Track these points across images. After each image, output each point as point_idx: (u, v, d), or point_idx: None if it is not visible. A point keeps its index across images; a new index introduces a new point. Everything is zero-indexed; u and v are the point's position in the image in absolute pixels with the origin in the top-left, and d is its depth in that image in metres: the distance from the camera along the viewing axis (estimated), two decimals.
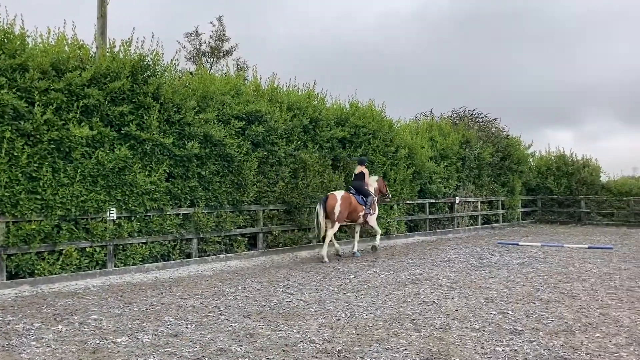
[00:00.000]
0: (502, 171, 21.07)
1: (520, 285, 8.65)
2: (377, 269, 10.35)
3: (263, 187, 12.42)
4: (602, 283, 8.78)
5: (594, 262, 11.18)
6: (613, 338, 5.64)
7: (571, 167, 23.32)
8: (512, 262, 11.23)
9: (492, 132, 21.65)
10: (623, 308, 7.02)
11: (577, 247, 13.70)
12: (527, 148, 22.93)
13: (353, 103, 15.54)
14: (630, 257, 11.96)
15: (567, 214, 23.00)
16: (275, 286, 8.71)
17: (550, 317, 6.53)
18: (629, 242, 15.14)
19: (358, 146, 14.64)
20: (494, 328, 6.06)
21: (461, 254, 12.51)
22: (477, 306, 7.15)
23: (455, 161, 18.77)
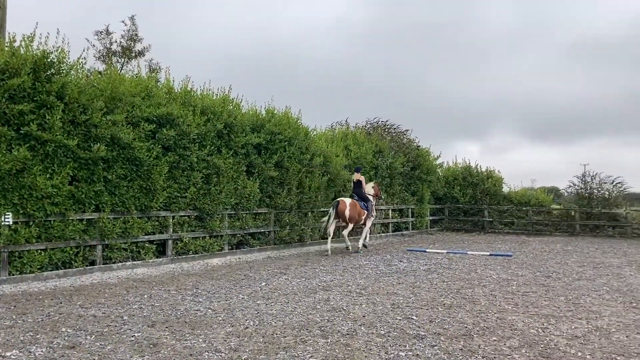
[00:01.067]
0: (413, 180, 21.80)
1: (425, 291, 8.95)
2: (289, 276, 10.35)
3: (173, 193, 12.09)
4: (500, 289, 9.26)
5: (494, 268, 11.78)
6: (508, 341, 5.95)
7: (476, 177, 24.56)
8: (419, 268, 11.60)
9: (403, 143, 22.38)
10: (518, 312, 7.43)
11: (479, 254, 14.39)
12: (436, 159, 23.90)
13: (269, 109, 15.51)
14: (527, 264, 12.70)
15: (471, 223, 24.16)
16: (183, 294, 8.47)
17: (451, 322, 6.79)
18: (527, 249, 16.10)
19: (273, 153, 14.61)
20: (399, 333, 6.21)
21: (372, 261, 12.77)
22: (383, 312, 7.31)
23: (368, 170, 19.19)
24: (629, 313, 7.46)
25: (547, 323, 6.79)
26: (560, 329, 6.51)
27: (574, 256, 14.42)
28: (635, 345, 5.83)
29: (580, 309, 7.66)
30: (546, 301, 8.20)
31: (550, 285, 9.63)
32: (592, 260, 13.48)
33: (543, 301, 8.20)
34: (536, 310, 7.52)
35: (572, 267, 12.11)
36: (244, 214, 13.89)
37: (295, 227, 15.45)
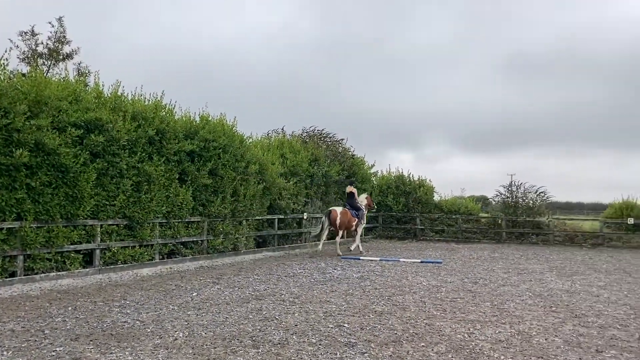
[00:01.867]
0: None
1: (357, 298, 9.05)
2: (222, 286, 10.20)
3: (102, 201, 11.67)
4: (430, 295, 9.49)
5: (424, 275, 12.08)
6: (435, 347, 6.11)
7: (409, 186, 25.15)
8: (352, 276, 11.73)
9: (339, 152, 22.63)
10: (446, 318, 7.64)
11: (411, 262, 14.72)
12: (371, 168, 24.30)
13: (203, 116, 15.29)
14: (456, 270, 13.10)
15: (404, 230, 24.68)
16: (110, 306, 8.18)
17: (382, 329, 6.90)
18: (456, 256, 16.61)
19: (207, 160, 14.39)
20: (330, 341, 6.25)
21: (306, 269, 12.80)
22: (316, 320, 7.33)
23: (304, 178, 19.26)
24: (548, 317, 7.83)
25: (473, 328, 7.02)
26: (485, 333, 6.75)
27: (500, 263, 15.01)
28: (554, 348, 6.12)
29: (505, 314, 7.97)
30: (473, 307, 8.48)
31: (477, 292, 9.97)
32: (517, 267, 14.07)
33: (470, 307, 8.48)
34: (463, 316, 7.77)
35: (498, 274, 12.60)
36: (176, 223, 13.59)
37: (229, 236, 15.26)
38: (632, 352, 5.98)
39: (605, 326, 7.27)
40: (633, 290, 10.41)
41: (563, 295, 9.69)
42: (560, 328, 7.12)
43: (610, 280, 11.77)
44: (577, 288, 10.61)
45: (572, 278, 12.04)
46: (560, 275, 12.57)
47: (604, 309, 8.51)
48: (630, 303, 9.05)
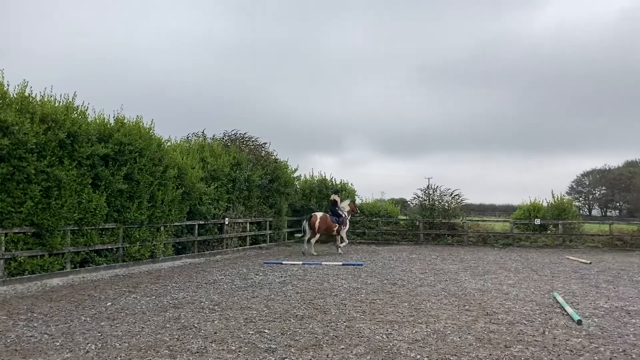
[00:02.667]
0: (271, 193, 21.97)
1: (279, 303, 9.01)
2: (138, 295, 9.84)
3: (7, 207, 10.95)
4: (350, 297, 9.62)
5: (345, 278, 12.24)
6: (355, 349, 6.18)
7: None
8: (274, 280, 11.68)
9: (262, 156, 22.49)
10: (366, 320, 7.76)
11: (333, 265, 14.86)
12: (294, 172, 24.31)
13: (119, 118, 14.71)
14: (376, 272, 13.36)
15: (326, 234, 24.86)
16: (15, 320, 7.68)
17: (303, 333, 6.90)
18: (376, 258, 16.96)
19: (123, 164, 13.85)
20: (250, 348, 6.18)
21: (227, 275, 12.61)
22: (236, 327, 7.23)
23: (226, 182, 18.98)
24: (462, 315, 8.14)
25: (392, 329, 7.18)
26: (403, 333, 6.92)
27: (417, 264, 15.47)
28: (466, 345, 6.36)
29: (421, 314, 8.21)
30: (391, 308, 8.68)
31: (396, 292, 10.22)
32: (433, 267, 14.56)
33: (388, 308, 8.67)
34: (382, 317, 7.92)
35: (415, 274, 12.97)
36: (88, 230, 12.97)
37: (146, 243, 14.76)
38: (536, 346, 6.33)
39: (514, 322, 7.65)
40: (539, 288, 11.03)
41: (476, 294, 10.11)
42: (473, 326, 7.42)
43: (519, 279, 12.42)
44: (489, 287, 11.11)
45: (485, 277, 12.61)
46: (473, 274, 13.12)
47: (513, 306, 8.96)
48: (537, 300, 9.59)
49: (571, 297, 9.81)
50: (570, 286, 11.29)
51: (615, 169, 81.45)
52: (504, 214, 52.14)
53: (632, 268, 14.99)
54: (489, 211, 75.61)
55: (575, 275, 13.24)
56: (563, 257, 18.00)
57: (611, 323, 7.67)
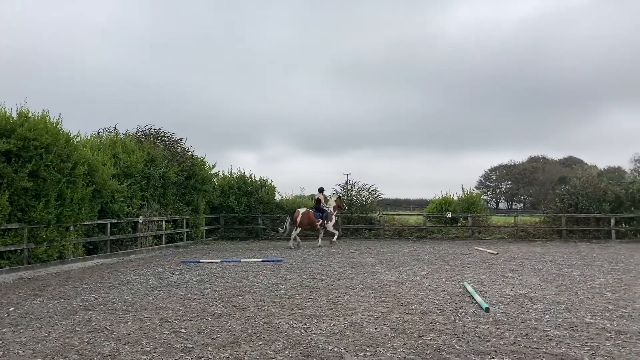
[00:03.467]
0: (187, 190, 21.49)
1: (196, 302, 8.84)
2: (45, 298, 9.32)
3: None
4: (269, 293, 9.60)
5: (265, 274, 12.20)
6: (273, 344, 6.18)
7: (250, 186, 25.24)
8: (191, 279, 11.44)
9: (177, 152, 21.94)
10: (284, 315, 7.78)
11: (252, 261, 14.77)
12: (212, 168, 23.89)
13: (22, 112, 13.84)
14: (295, 267, 13.43)
15: (246, 230, 24.73)
16: None
17: (220, 331, 6.81)
18: (296, 254, 17.04)
19: (27, 161, 13.04)
20: (165, 348, 6.02)
21: (142, 275, 12.21)
22: (151, 328, 7.02)
23: (139, 180, 18.36)
24: (378, 307, 8.35)
25: (310, 323, 7.24)
26: (321, 327, 7.00)
27: (336, 258, 15.70)
28: (382, 336, 6.53)
29: (339, 307, 8.34)
30: (310, 302, 8.75)
31: (315, 287, 10.31)
32: (351, 261, 14.83)
33: (307, 302, 8.73)
34: (300, 312, 7.97)
35: (334, 268, 13.16)
36: None
37: (54, 243, 14.00)
38: (448, 334, 6.61)
39: (427, 312, 7.95)
40: (450, 278, 11.52)
41: (391, 286, 10.41)
42: (388, 316, 7.63)
43: (431, 270, 12.91)
44: (404, 278, 11.47)
45: (400, 269, 13.00)
46: (389, 267, 13.49)
47: (426, 296, 9.30)
48: (448, 289, 10.00)
49: (480, 286, 10.31)
50: (479, 276, 11.87)
51: (520, 164, 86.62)
52: (419, 208, 54.01)
53: (535, 257, 15.99)
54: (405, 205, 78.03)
55: (484, 265, 13.94)
56: (472, 248, 18.90)
57: (515, 309, 8.14)
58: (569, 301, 8.77)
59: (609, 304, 8.56)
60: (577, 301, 8.78)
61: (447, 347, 6.03)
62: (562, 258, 15.65)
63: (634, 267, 13.46)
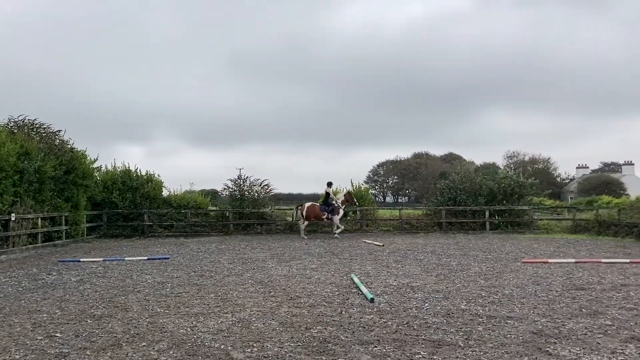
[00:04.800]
0: (66, 185, 20.15)
1: (74, 304, 8.34)
2: None
3: None
4: (154, 292, 9.28)
5: (150, 272, 11.77)
6: (157, 345, 5.98)
7: (136, 182, 24.21)
8: (70, 280, 10.77)
9: (55, 145, 20.52)
10: (170, 314, 7.55)
11: (137, 260, 14.19)
12: (93, 162, 22.57)
13: None
14: (183, 265, 13.09)
15: (131, 228, 23.68)
16: None
17: (100, 333, 6.47)
18: (184, 251, 16.62)
19: None
20: (38, 355, 5.61)
21: (13, 277, 11.29)
22: (22, 333, 6.51)
23: (12, 174, 16.95)
24: (267, 302, 8.36)
25: (196, 321, 7.09)
26: (208, 325, 6.88)
27: (226, 254, 15.51)
28: (270, 331, 6.55)
29: (227, 304, 8.24)
30: (197, 300, 8.57)
31: (203, 284, 10.12)
32: (242, 257, 14.73)
33: (194, 300, 8.55)
34: (187, 310, 7.78)
35: (223, 265, 12.99)
36: None
37: None
38: (334, 326, 6.76)
39: (315, 305, 8.08)
40: (339, 270, 11.81)
41: (281, 280, 10.47)
42: (277, 311, 7.66)
43: (321, 263, 13.15)
44: (294, 272, 11.58)
45: (290, 263, 13.11)
46: (280, 261, 13.56)
47: (315, 289, 9.45)
48: (336, 282, 10.25)
49: (366, 278, 10.66)
50: (365, 267, 12.27)
51: (405, 160, 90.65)
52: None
53: (417, 248, 16.82)
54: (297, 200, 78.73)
55: (370, 257, 14.44)
56: (360, 241, 19.50)
57: (398, 299, 8.51)
58: (447, 289, 9.32)
59: (482, 290, 9.20)
60: (454, 289, 9.35)
61: (333, 338, 6.17)
62: (442, 249, 16.61)
63: (504, 255, 14.58)
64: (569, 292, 9.00)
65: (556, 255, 14.74)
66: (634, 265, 12.29)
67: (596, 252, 15.34)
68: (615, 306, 7.84)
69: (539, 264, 12.65)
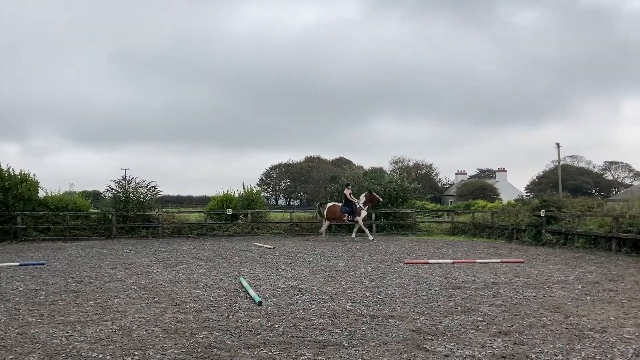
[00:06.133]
0: None
1: None
2: None
3: None
4: (26, 301, 8.61)
5: (22, 279, 10.93)
6: (26, 357, 5.55)
7: (8, 182, 22.34)
8: None
9: None
10: (43, 324, 7.05)
11: (7, 266, 13.09)
12: None
13: None
14: (60, 271, 12.28)
15: (2, 231, 21.80)
16: None
17: None
18: (62, 256, 15.60)
19: None
20: None
21: None
22: None
23: None
24: (151, 308, 8.06)
25: (73, 330, 6.68)
26: (85, 334, 6.50)
27: (108, 259, 14.76)
28: (152, 338, 6.32)
29: (108, 311, 7.84)
30: (74, 308, 8.07)
31: (81, 291, 9.55)
32: (125, 261, 14.09)
33: (71, 308, 8.04)
34: (62, 319, 7.31)
35: (105, 270, 12.35)
36: None
37: None
38: (220, 331, 6.66)
39: (201, 310, 7.92)
40: (227, 274, 11.66)
41: (167, 285, 10.14)
42: (161, 317, 7.41)
43: (209, 267, 12.92)
44: (181, 277, 11.27)
45: (177, 268, 12.75)
46: (166, 266, 13.14)
47: (202, 294, 9.26)
48: (224, 286, 10.11)
49: (255, 281, 10.63)
50: (255, 271, 12.23)
51: (298, 163, 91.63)
52: (201, 205, 53.64)
53: (307, 250, 17.06)
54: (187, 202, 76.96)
55: (260, 260, 14.41)
56: (251, 244, 19.42)
57: (286, 301, 8.57)
58: (334, 290, 9.54)
59: (367, 291, 9.51)
60: (340, 290, 9.59)
61: (218, 343, 6.08)
62: (331, 251, 16.97)
63: (389, 257, 15.19)
64: (446, 290, 9.56)
65: (436, 256, 15.60)
66: (504, 265, 13.31)
67: (472, 253, 16.44)
68: (487, 303, 8.44)
69: (420, 265, 13.32)
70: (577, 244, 17.77)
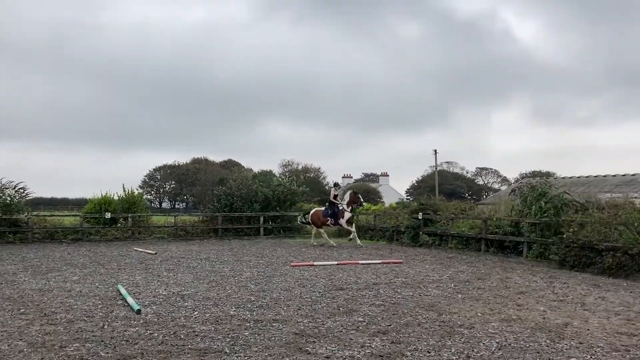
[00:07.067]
0: None
1: None
2: None
3: None
4: None
5: None
6: None
7: None
8: None
9: None
10: None
11: None
12: None
13: None
14: None
15: None
16: None
17: None
18: None
19: None
20: None
21: None
22: None
23: None
24: (15, 320, 7.41)
25: None
26: None
27: None
28: (16, 353, 5.79)
29: None
30: None
31: None
32: None
33: None
34: None
35: None
36: None
37: None
38: (94, 342, 6.26)
39: (73, 320, 7.41)
40: (104, 282, 11.04)
41: (35, 295, 9.39)
42: (26, 330, 6.83)
43: (85, 274, 12.15)
44: (52, 285, 10.50)
45: (48, 276, 11.85)
46: (35, 274, 12.17)
47: (75, 303, 8.67)
48: (100, 294, 9.55)
49: (134, 288, 10.15)
50: (135, 277, 11.69)
51: (184, 165, 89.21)
52: (78, 208, 50.40)
53: (191, 255, 16.62)
54: (62, 205, 71.98)
55: (141, 266, 13.81)
56: (131, 249, 18.56)
57: (167, 308, 8.27)
58: (218, 296, 9.36)
59: (251, 295, 9.44)
60: (224, 295, 9.43)
61: (91, 355, 5.71)
62: (216, 255, 16.67)
63: (275, 260, 15.22)
64: (329, 292, 9.75)
65: (321, 258, 15.88)
66: (385, 265, 13.85)
67: (355, 255, 16.93)
68: (367, 303, 8.71)
69: (306, 267, 13.48)
70: (450, 245, 18.95)
